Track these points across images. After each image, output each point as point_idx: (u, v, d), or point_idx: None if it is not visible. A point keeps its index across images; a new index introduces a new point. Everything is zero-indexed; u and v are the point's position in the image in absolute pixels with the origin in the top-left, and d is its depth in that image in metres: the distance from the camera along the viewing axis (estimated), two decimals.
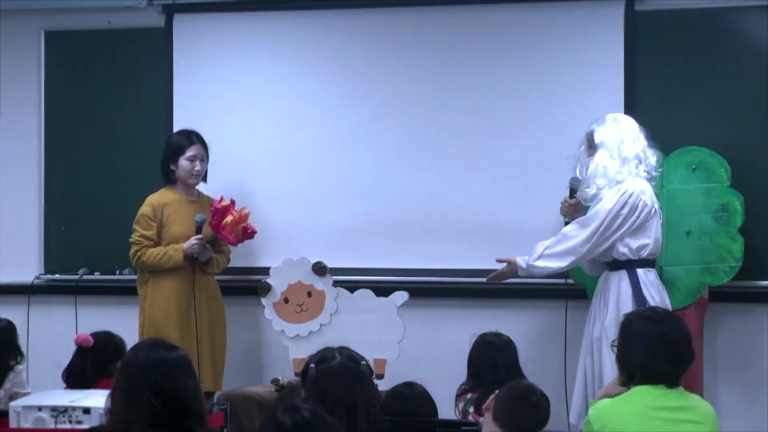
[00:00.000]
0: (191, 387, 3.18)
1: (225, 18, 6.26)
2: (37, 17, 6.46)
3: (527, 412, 3.89)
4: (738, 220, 5.48)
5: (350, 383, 3.48)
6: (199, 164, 5.71)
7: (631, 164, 5.09)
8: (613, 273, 5.11)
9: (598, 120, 5.21)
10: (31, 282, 6.38)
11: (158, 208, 5.69)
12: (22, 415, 4.22)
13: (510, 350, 5.00)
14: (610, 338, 4.85)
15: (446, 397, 4.94)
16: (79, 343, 5.13)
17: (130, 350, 3.31)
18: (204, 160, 5.74)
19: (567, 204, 5.24)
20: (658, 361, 3.68)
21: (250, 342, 6.13)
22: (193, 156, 5.70)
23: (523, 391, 3.97)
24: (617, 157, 5.10)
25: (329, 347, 3.63)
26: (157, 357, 3.19)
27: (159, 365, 3.17)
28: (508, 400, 3.92)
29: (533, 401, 3.92)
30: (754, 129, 5.67)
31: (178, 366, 3.20)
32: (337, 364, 3.53)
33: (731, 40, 5.74)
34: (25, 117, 6.48)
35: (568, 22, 5.88)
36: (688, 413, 3.67)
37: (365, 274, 5.93)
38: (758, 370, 5.74)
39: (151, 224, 5.68)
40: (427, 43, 6.02)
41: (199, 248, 5.57)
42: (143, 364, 3.18)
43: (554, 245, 5.10)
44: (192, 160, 5.70)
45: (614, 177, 5.07)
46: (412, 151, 6.04)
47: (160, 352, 3.22)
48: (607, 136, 5.13)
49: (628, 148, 5.12)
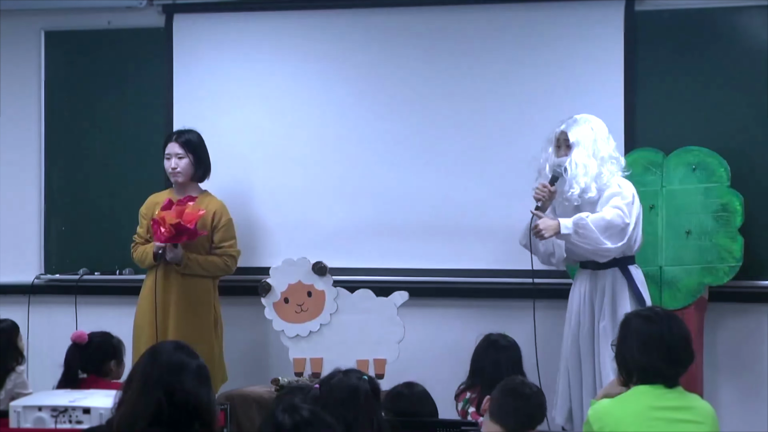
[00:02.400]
0: (205, 399, 3.16)
1: (225, 18, 6.27)
2: (37, 17, 6.46)
3: (520, 404, 3.89)
4: (738, 220, 5.48)
5: (347, 400, 3.48)
6: (174, 162, 5.68)
7: (607, 164, 5.09)
8: (606, 270, 5.10)
9: (567, 120, 5.19)
10: (31, 282, 6.38)
11: (150, 207, 5.72)
12: (22, 415, 4.22)
13: (513, 352, 5.00)
14: (610, 336, 4.88)
15: (446, 397, 4.94)
16: (72, 339, 5.16)
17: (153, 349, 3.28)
18: (182, 157, 5.68)
19: (547, 189, 5.12)
20: (656, 360, 3.68)
21: (250, 342, 6.13)
22: (168, 154, 5.70)
23: (516, 385, 3.99)
24: (593, 157, 5.09)
25: (336, 369, 3.63)
26: (177, 360, 3.17)
27: (179, 369, 3.15)
28: (501, 394, 3.95)
29: (526, 394, 3.93)
30: (754, 129, 5.67)
31: (196, 375, 3.17)
32: (336, 381, 3.53)
33: (731, 40, 5.74)
34: (25, 117, 6.48)
35: (568, 22, 5.88)
36: (688, 413, 3.68)
37: (365, 274, 5.94)
38: (758, 370, 5.74)
39: (142, 222, 5.75)
40: (426, 43, 6.02)
41: (158, 249, 5.53)
42: (165, 363, 3.16)
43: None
44: (168, 158, 5.70)
45: (596, 176, 5.06)
46: (412, 151, 6.04)
47: (182, 356, 3.20)
48: (582, 136, 5.12)
49: (602, 148, 5.11)
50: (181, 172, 5.68)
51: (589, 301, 5.13)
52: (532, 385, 4.00)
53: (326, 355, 5.47)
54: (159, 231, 5.41)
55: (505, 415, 3.88)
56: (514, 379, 4.13)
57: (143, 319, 5.63)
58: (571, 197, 5.09)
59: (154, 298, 5.56)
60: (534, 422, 3.93)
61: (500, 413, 3.89)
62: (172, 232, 5.37)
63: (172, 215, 5.38)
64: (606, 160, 5.10)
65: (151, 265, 5.63)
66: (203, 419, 3.12)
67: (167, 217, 5.37)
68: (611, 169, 5.10)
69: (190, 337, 5.38)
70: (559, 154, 5.15)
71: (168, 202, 5.49)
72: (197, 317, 5.64)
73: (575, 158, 5.08)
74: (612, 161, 5.12)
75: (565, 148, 5.14)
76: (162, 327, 5.56)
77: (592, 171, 5.06)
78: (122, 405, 3.15)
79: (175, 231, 5.37)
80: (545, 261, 5.31)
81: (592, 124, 5.17)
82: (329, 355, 5.47)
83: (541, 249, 5.24)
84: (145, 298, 5.65)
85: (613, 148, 5.16)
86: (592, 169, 5.06)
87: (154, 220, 5.46)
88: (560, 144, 5.16)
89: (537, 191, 5.14)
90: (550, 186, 5.13)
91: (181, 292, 5.63)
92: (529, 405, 3.92)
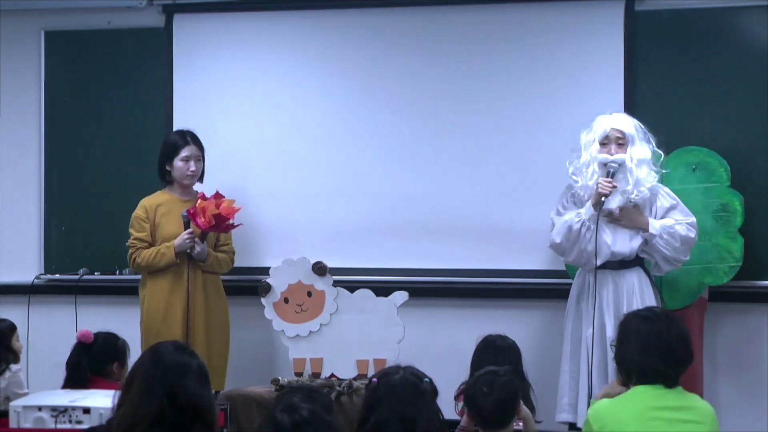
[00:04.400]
0: (207, 399, 3.16)
1: (225, 18, 6.27)
2: (37, 17, 6.46)
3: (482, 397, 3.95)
4: (738, 220, 5.48)
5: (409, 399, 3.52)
6: (194, 165, 5.69)
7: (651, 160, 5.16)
8: (630, 269, 5.13)
9: (609, 116, 5.18)
10: (31, 282, 6.38)
11: (151, 210, 5.69)
12: (22, 415, 4.23)
13: (512, 353, 4.99)
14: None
15: (446, 397, 4.93)
16: (78, 338, 5.16)
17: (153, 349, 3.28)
18: (199, 160, 5.72)
19: (611, 183, 5.06)
20: (655, 360, 3.68)
21: (250, 342, 6.12)
22: (187, 156, 5.69)
23: (483, 375, 4.02)
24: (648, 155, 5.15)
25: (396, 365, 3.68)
26: (179, 361, 3.17)
27: (180, 370, 3.15)
28: (469, 386, 4.03)
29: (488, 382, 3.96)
30: (754, 129, 5.68)
31: (198, 375, 3.17)
32: (398, 379, 3.56)
33: (731, 40, 5.74)
34: (25, 117, 6.48)
35: (568, 22, 5.88)
36: (688, 413, 3.68)
37: (365, 274, 5.93)
38: (758, 370, 5.74)
39: (144, 226, 5.67)
40: (426, 43, 6.02)
41: (190, 243, 5.55)
42: (167, 364, 3.16)
43: None
44: (186, 161, 5.69)
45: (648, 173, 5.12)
46: (412, 151, 6.04)
47: (184, 356, 3.20)
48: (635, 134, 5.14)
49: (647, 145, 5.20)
50: (197, 174, 5.72)
51: (605, 299, 5.12)
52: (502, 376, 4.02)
53: (326, 355, 5.47)
54: (198, 220, 5.44)
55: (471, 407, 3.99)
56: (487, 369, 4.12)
57: (164, 319, 5.57)
58: (626, 192, 5.08)
59: (186, 295, 5.55)
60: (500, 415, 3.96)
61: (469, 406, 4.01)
62: (212, 222, 5.44)
63: (212, 206, 5.45)
64: (651, 159, 5.15)
65: (169, 265, 5.59)
66: (204, 420, 3.12)
67: (209, 207, 5.43)
68: (654, 168, 5.16)
69: (216, 333, 5.62)
70: (606, 151, 5.12)
71: (203, 195, 5.54)
72: (221, 314, 5.71)
73: (633, 153, 5.11)
74: (653, 160, 5.17)
75: (617, 146, 5.13)
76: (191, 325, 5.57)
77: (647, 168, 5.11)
78: (123, 406, 3.14)
79: (215, 221, 5.45)
80: (577, 261, 5.22)
81: (633, 121, 5.20)
82: (329, 355, 5.47)
83: (577, 249, 5.17)
84: (162, 300, 5.59)
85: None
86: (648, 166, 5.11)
87: (192, 211, 5.47)
88: (609, 141, 5.14)
89: (602, 185, 5.07)
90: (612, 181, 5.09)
91: (208, 289, 5.67)
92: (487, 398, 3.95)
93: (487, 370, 4.08)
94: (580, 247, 5.14)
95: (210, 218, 5.44)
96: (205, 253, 5.60)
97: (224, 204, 5.50)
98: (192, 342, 5.39)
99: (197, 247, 5.55)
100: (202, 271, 5.66)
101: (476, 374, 4.11)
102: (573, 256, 5.20)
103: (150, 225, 5.67)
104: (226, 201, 5.53)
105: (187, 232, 5.55)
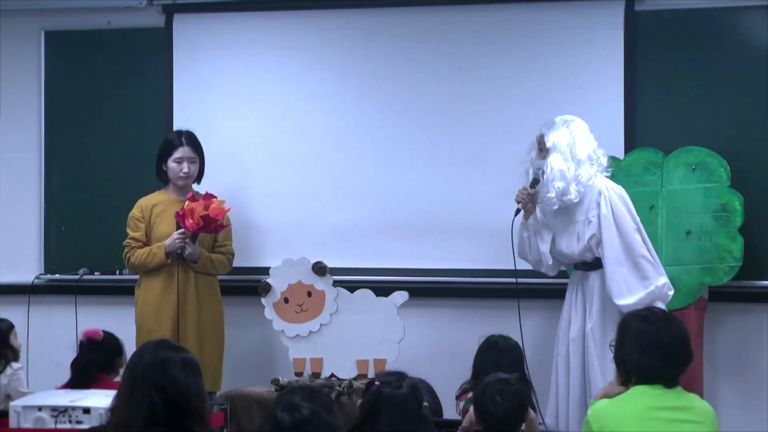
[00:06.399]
0: (194, 387, 3.18)
1: (225, 18, 6.27)
2: (37, 17, 6.46)
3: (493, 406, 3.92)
4: (738, 220, 5.48)
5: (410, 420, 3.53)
6: (187, 166, 5.67)
7: (585, 165, 5.09)
8: (596, 271, 5.11)
9: (547, 123, 5.21)
10: (31, 282, 6.38)
11: (147, 210, 5.69)
12: (22, 415, 4.23)
13: (515, 353, 4.99)
14: (598, 337, 4.90)
15: (446, 397, 4.95)
16: (87, 336, 5.16)
17: (137, 351, 3.32)
18: (194, 162, 5.70)
19: (527, 192, 5.18)
20: (654, 360, 3.68)
21: (250, 342, 6.13)
22: (180, 158, 5.68)
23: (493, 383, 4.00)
24: (570, 159, 5.09)
25: (403, 373, 3.68)
26: (160, 356, 3.20)
27: (162, 364, 3.17)
28: (478, 392, 4.00)
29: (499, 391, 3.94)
30: (754, 129, 5.67)
31: (182, 366, 3.19)
32: (402, 396, 3.57)
33: (731, 40, 5.74)
34: (25, 117, 6.48)
35: (568, 22, 5.88)
36: (687, 413, 3.68)
37: (365, 274, 5.94)
38: (758, 370, 5.74)
39: (139, 226, 5.68)
40: (426, 43, 6.03)
41: (181, 243, 5.53)
42: (148, 362, 3.18)
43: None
44: (179, 162, 5.68)
45: (573, 179, 5.07)
46: (412, 151, 6.04)
47: (164, 351, 3.23)
48: (559, 139, 5.13)
49: (580, 150, 5.11)
50: (191, 176, 5.70)
51: (581, 302, 5.14)
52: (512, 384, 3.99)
53: (326, 355, 5.48)
54: (186, 222, 5.42)
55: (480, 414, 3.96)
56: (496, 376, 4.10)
57: (156, 318, 5.57)
58: (549, 200, 5.11)
59: (177, 295, 5.54)
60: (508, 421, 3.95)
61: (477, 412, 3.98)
62: (200, 223, 5.41)
63: (200, 207, 5.41)
64: (584, 162, 5.10)
65: (160, 265, 5.59)
66: (192, 407, 3.13)
67: (197, 209, 5.40)
68: (590, 170, 5.09)
69: (208, 332, 5.59)
70: (540, 157, 5.17)
71: (191, 197, 5.51)
72: (213, 314, 5.69)
73: (551, 162, 5.10)
74: (591, 162, 5.11)
75: (545, 151, 5.15)
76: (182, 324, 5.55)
77: (569, 174, 5.07)
78: (115, 411, 3.17)
79: (203, 222, 5.41)
80: (536, 267, 5.37)
81: (570, 125, 5.17)
82: (329, 355, 5.47)
83: (530, 258, 5.32)
84: (154, 299, 5.60)
85: (593, 148, 5.14)
86: (569, 172, 5.07)
87: (181, 212, 5.45)
88: (541, 147, 5.17)
89: (518, 195, 5.21)
90: (530, 189, 5.18)
91: (200, 290, 5.65)
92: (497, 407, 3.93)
93: (497, 378, 4.04)
94: (526, 255, 5.33)
95: (198, 220, 5.40)
96: (197, 254, 5.57)
97: (213, 205, 5.45)
98: (183, 341, 5.35)
99: (188, 248, 5.54)
100: (195, 271, 5.65)
101: (486, 381, 4.06)
102: (532, 264, 5.36)
103: (145, 225, 5.68)
104: (215, 201, 5.48)
105: (179, 233, 5.53)
